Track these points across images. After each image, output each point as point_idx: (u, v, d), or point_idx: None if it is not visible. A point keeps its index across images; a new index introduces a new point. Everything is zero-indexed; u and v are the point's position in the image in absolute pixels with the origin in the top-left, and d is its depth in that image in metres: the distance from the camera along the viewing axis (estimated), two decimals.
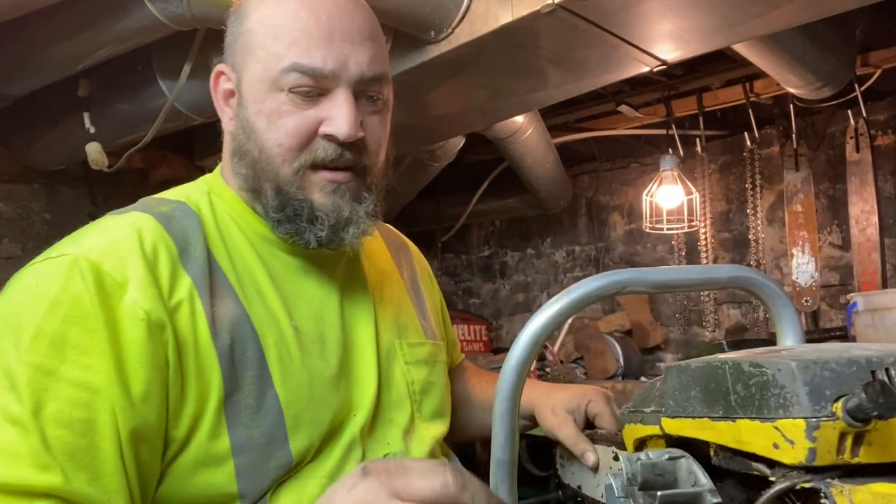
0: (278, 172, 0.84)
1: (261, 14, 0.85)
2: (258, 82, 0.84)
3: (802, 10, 1.58)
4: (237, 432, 0.77)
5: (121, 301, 0.73)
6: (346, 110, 0.82)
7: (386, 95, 0.89)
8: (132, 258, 0.76)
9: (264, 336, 0.81)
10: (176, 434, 0.76)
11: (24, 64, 1.94)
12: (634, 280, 0.64)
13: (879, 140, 2.75)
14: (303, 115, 0.83)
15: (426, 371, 0.99)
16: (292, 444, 0.80)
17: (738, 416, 0.49)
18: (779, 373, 0.46)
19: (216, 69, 0.91)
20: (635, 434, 0.66)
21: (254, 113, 0.84)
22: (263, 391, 0.79)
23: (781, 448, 0.46)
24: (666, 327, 3.38)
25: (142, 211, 0.84)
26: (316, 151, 0.83)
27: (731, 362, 0.51)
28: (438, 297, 1.19)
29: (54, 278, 0.74)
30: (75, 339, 0.71)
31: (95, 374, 0.70)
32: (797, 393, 0.45)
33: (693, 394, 0.55)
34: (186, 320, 0.77)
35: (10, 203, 2.76)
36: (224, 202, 0.89)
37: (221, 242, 0.85)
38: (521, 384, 0.62)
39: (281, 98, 0.82)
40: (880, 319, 1.94)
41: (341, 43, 0.82)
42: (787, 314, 0.69)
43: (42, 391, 0.68)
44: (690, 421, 0.54)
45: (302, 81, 0.82)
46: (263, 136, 0.84)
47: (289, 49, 0.81)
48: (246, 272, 0.85)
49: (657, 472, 0.55)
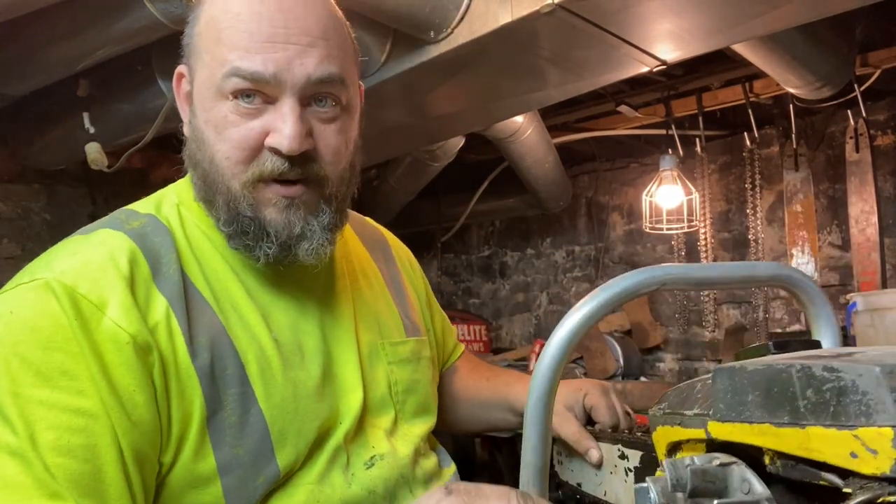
0: (229, 186, 0.80)
1: (208, 15, 0.81)
2: (205, 89, 0.80)
3: (802, 10, 1.58)
4: (222, 451, 0.76)
5: (99, 325, 0.71)
6: (289, 121, 0.77)
7: (346, 98, 0.83)
8: (108, 279, 0.73)
9: (244, 352, 0.79)
10: (164, 458, 0.74)
11: (24, 64, 1.93)
12: (673, 276, 0.62)
13: (879, 140, 2.75)
14: (248, 127, 0.78)
15: (409, 370, 0.97)
16: (279, 458, 0.78)
17: (807, 423, 0.47)
18: (860, 378, 0.44)
19: (177, 70, 0.87)
20: (671, 437, 0.64)
21: (203, 121, 0.81)
22: (247, 408, 0.78)
23: (861, 457, 0.43)
24: (666, 327, 3.38)
25: (111, 228, 0.81)
26: (264, 164, 0.79)
27: (799, 366, 0.48)
28: (423, 287, 1.15)
29: (28, 304, 0.71)
30: (60, 364, 0.68)
31: (89, 399, 0.68)
32: (882, 400, 0.43)
33: (750, 398, 0.52)
34: (165, 341, 0.74)
35: (10, 203, 2.76)
36: (193, 214, 0.86)
37: (193, 258, 0.82)
38: (553, 387, 0.60)
39: (227, 107, 0.78)
40: (880, 319, 1.94)
41: (285, 44, 0.77)
42: (825, 314, 0.69)
43: (35, 421, 0.66)
44: (747, 426, 0.52)
45: (243, 86, 0.77)
46: (213, 147, 0.80)
47: (230, 52, 0.77)
48: (220, 287, 0.82)
49: (707, 478, 0.53)
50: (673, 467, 0.53)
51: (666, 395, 0.66)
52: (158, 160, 2.96)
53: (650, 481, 0.55)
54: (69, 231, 0.84)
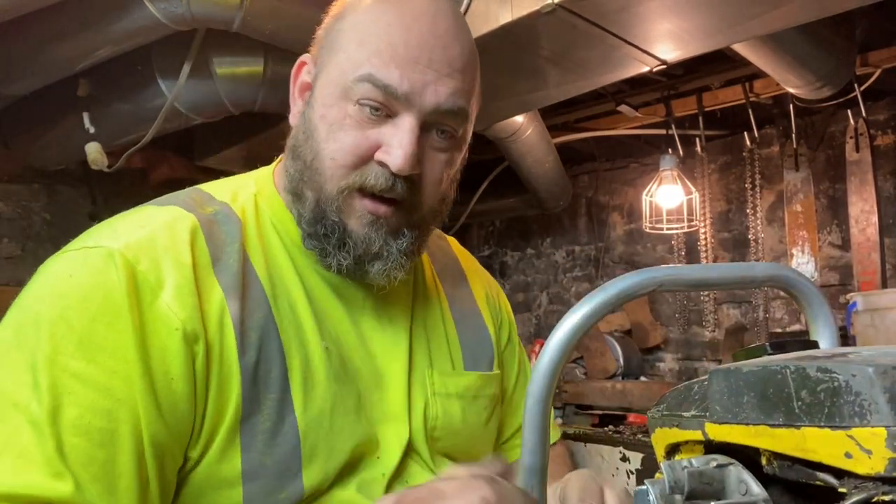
0: (323, 186, 0.79)
1: (355, 18, 0.80)
2: (331, 85, 0.79)
3: (802, 10, 1.58)
4: (250, 457, 0.73)
5: (153, 304, 0.70)
6: (406, 140, 0.76)
7: (461, 133, 0.82)
8: (169, 261, 0.73)
9: (290, 356, 0.77)
10: (191, 452, 0.72)
11: (24, 64, 1.94)
12: (671, 277, 0.62)
13: (879, 140, 2.75)
14: (364, 135, 0.77)
15: (459, 406, 0.89)
16: (305, 475, 0.75)
17: (802, 424, 0.47)
18: (853, 378, 0.44)
19: (300, 59, 0.86)
20: (669, 439, 0.63)
21: (318, 116, 0.80)
22: (283, 416, 0.75)
23: (855, 458, 0.43)
24: (666, 327, 3.38)
25: (185, 208, 0.79)
26: (367, 176, 0.78)
27: (793, 367, 0.48)
28: (507, 324, 1.06)
29: (88, 270, 0.70)
30: (103, 339, 0.68)
31: (119, 381, 0.67)
32: (876, 400, 0.43)
33: (746, 399, 0.52)
34: (215, 332, 0.73)
35: (10, 203, 2.76)
36: (269, 207, 0.85)
37: (261, 251, 0.80)
38: (552, 387, 0.60)
39: (348, 109, 0.77)
40: (880, 319, 1.95)
41: (425, 68, 0.77)
42: (823, 315, 0.69)
43: (64, 394, 0.65)
44: (742, 427, 0.52)
45: (372, 95, 0.76)
46: (321, 144, 0.79)
47: (369, 59, 0.76)
48: (281, 285, 0.80)
49: (705, 480, 0.53)
50: (671, 469, 0.53)
51: (664, 397, 0.67)
52: (158, 160, 2.96)
53: (648, 484, 0.55)
54: (69, 231, 0.83)
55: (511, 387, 1.03)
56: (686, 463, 0.53)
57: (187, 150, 2.88)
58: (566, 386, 2.97)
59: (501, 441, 1.03)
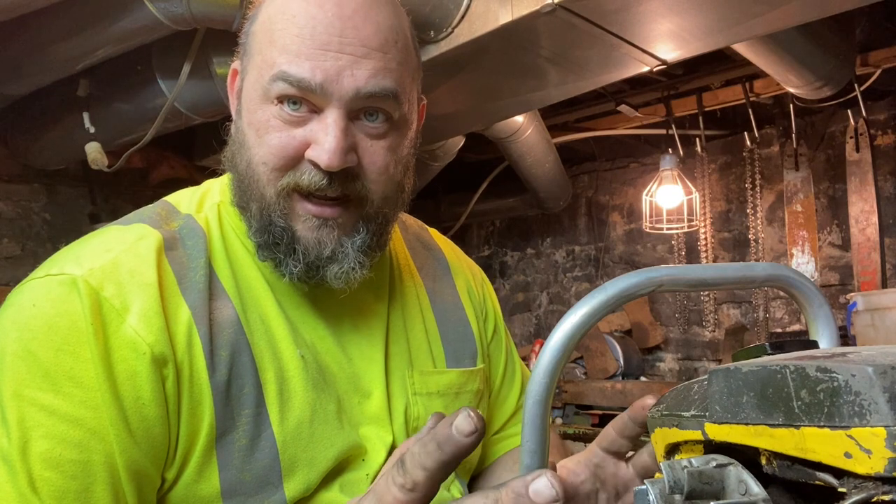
0: (263, 193, 0.76)
1: (265, 14, 0.78)
2: (252, 90, 0.77)
3: (802, 10, 1.58)
4: (228, 475, 0.72)
5: (119, 329, 0.69)
6: (331, 135, 0.73)
7: (398, 114, 0.78)
8: (134, 284, 0.71)
9: (264, 370, 0.75)
10: (167, 474, 0.72)
11: (25, 63, 1.94)
12: (671, 277, 0.62)
13: (879, 140, 2.75)
14: (290, 134, 0.75)
15: (441, 405, 0.87)
16: (287, 487, 0.74)
17: (802, 424, 0.47)
18: (853, 378, 0.44)
19: (232, 67, 0.84)
20: (669, 439, 0.64)
21: (246, 123, 0.77)
22: (259, 431, 0.74)
23: (855, 457, 0.43)
24: (666, 327, 3.38)
25: (151, 224, 0.78)
26: (301, 176, 0.75)
27: (792, 367, 0.49)
28: (492, 315, 1.03)
29: (51, 299, 0.69)
30: (69, 369, 0.66)
31: (89, 411, 0.66)
32: (875, 400, 0.43)
33: (745, 399, 0.52)
34: (183, 353, 0.71)
35: (10, 203, 2.76)
36: (231, 217, 0.83)
37: (227, 264, 0.79)
38: (552, 387, 0.60)
39: (271, 111, 0.75)
40: (880, 319, 1.95)
41: (337, 53, 0.73)
42: (822, 314, 0.69)
43: (32, 427, 0.65)
44: (742, 427, 0.52)
45: (288, 92, 0.73)
46: (252, 150, 0.77)
47: (280, 55, 0.74)
48: (250, 297, 0.79)
49: (704, 480, 0.53)
50: (670, 469, 0.53)
51: (664, 397, 0.67)
52: (158, 160, 2.96)
53: (648, 484, 0.55)
54: (69, 231, 0.84)
55: (498, 379, 1.02)
56: (686, 463, 0.53)
57: (187, 150, 2.87)
58: (566, 386, 2.98)
59: (491, 433, 1.02)
